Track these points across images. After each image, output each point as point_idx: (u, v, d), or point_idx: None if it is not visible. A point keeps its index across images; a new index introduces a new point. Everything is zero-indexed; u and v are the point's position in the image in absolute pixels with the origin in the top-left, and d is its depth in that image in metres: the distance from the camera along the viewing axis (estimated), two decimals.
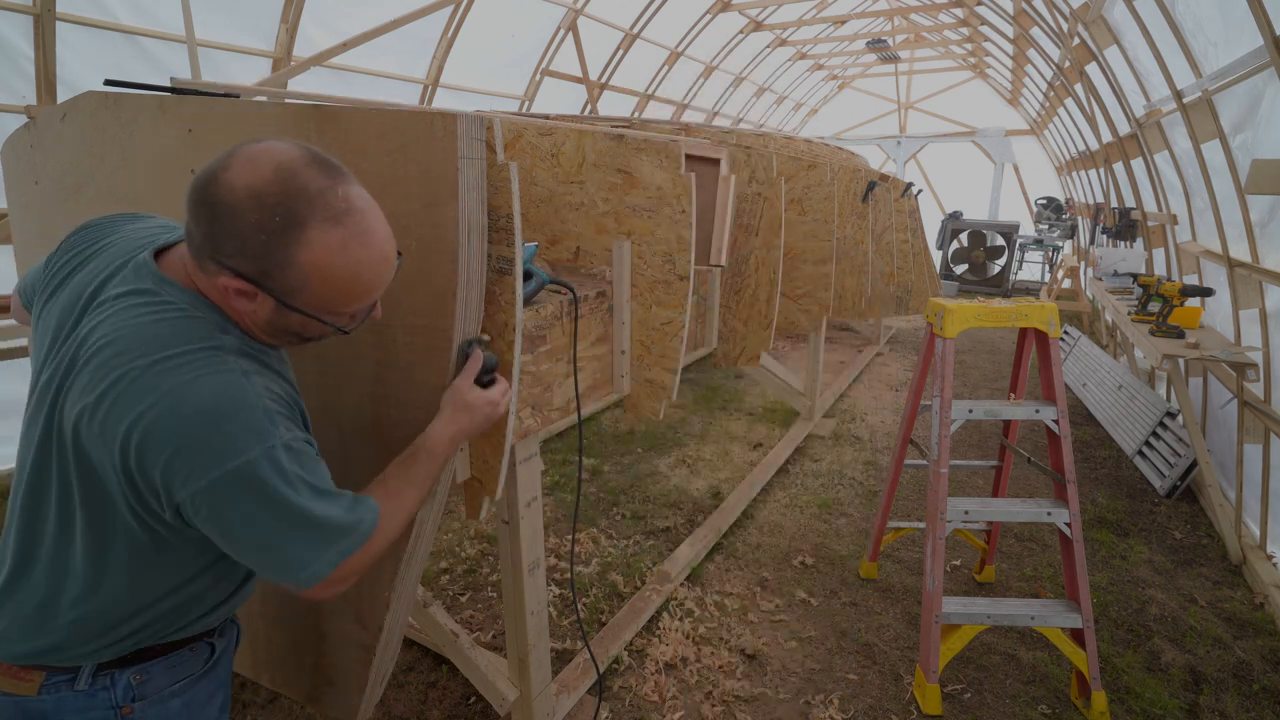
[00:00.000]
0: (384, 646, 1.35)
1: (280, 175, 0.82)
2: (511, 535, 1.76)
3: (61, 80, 3.33)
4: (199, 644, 1.04)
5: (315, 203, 0.83)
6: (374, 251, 0.89)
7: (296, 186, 0.82)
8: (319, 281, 0.86)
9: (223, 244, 0.84)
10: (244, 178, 0.82)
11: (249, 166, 0.82)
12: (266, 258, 0.84)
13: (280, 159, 0.83)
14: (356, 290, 0.91)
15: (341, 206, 0.85)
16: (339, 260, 0.86)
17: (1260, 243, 3.02)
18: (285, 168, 0.83)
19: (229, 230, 0.82)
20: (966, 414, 2.26)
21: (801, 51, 10.73)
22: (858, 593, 2.85)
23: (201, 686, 1.04)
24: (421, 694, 2.27)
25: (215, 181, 0.82)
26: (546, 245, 2.03)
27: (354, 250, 0.87)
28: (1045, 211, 10.23)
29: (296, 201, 0.82)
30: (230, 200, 0.81)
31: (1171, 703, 2.26)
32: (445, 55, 5.30)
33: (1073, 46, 5.27)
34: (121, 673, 0.95)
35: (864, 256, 4.50)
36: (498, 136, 1.21)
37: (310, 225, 0.83)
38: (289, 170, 0.83)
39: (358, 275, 0.89)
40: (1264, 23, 2.39)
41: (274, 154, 0.84)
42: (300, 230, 0.83)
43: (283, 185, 0.82)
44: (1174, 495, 3.66)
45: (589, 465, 4.10)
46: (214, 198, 0.82)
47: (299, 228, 0.83)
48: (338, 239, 0.85)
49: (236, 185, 0.81)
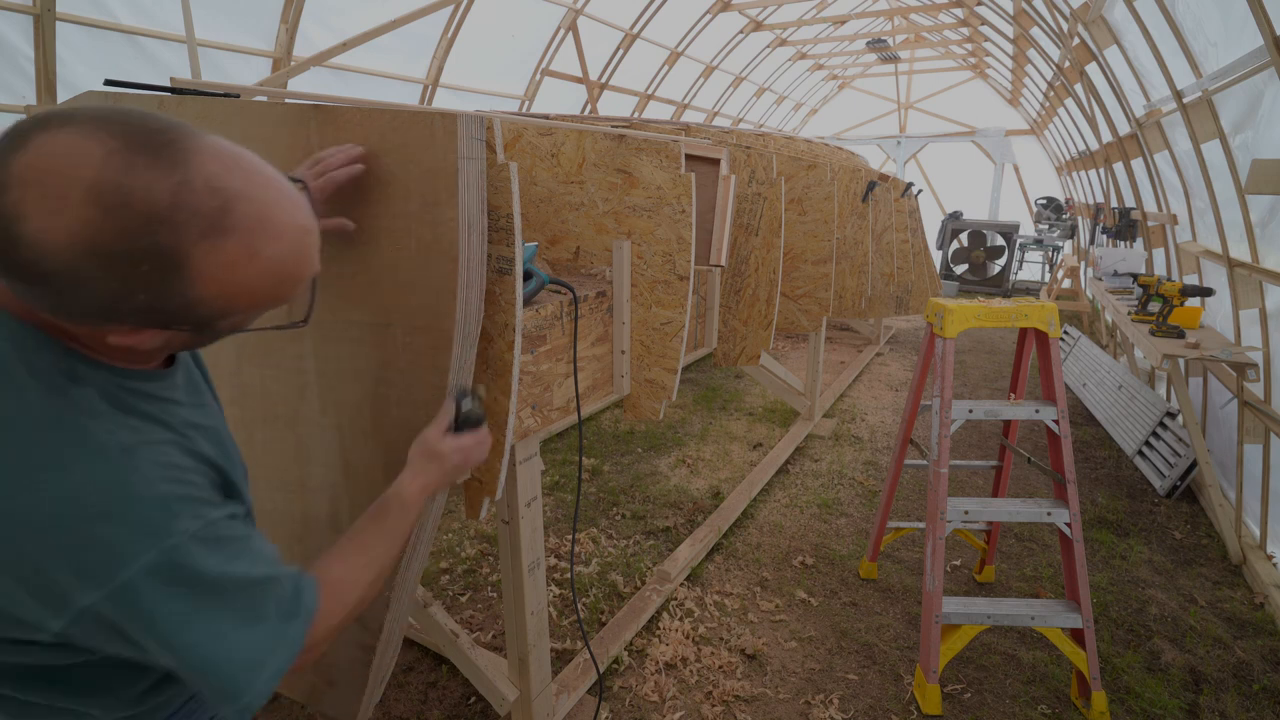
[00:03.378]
0: (384, 646, 1.35)
1: (107, 206, 0.55)
2: (511, 535, 1.76)
3: (61, 80, 3.33)
4: None
5: (176, 221, 0.57)
6: (287, 239, 0.66)
7: (138, 214, 0.56)
8: (238, 303, 0.66)
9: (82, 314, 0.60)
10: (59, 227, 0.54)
11: (52, 206, 0.54)
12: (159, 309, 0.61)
13: (88, 177, 0.55)
14: (288, 288, 0.69)
15: (214, 205, 0.59)
16: (250, 274, 0.64)
17: (1260, 243, 3.02)
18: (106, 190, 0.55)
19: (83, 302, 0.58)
20: (966, 414, 2.26)
21: (801, 51, 10.73)
22: (858, 593, 2.85)
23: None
24: (421, 694, 2.27)
25: (18, 239, 0.54)
26: (546, 245, 2.03)
27: (263, 252, 0.63)
28: (1045, 211, 10.23)
29: (155, 234, 0.57)
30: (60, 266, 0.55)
31: (1171, 703, 2.26)
32: (445, 55, 5.30)
33: (1073, 46, 5.27)
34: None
35: (864, 256, 4.50)
36: (498, 136, 1.21)
37: (191, 256, 0.59)
38: (114, 191, 0.55)
39: (282, 275, 0.67)
40: (1264, 23, 2.39)
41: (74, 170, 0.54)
42: (182, 268, 0.59)
43: (120, 221, 0.55)
44: (1174, 495, 3.66)
45: (589, 465, 4.10)
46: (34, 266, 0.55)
47: (179, 266, 0.59)
48: (237, 250, 0.61)
49: (53, 242, 0.54)
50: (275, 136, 1.26)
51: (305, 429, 1.36)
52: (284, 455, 1.40)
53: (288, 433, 1.38)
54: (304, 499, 1.40)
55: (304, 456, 1.38)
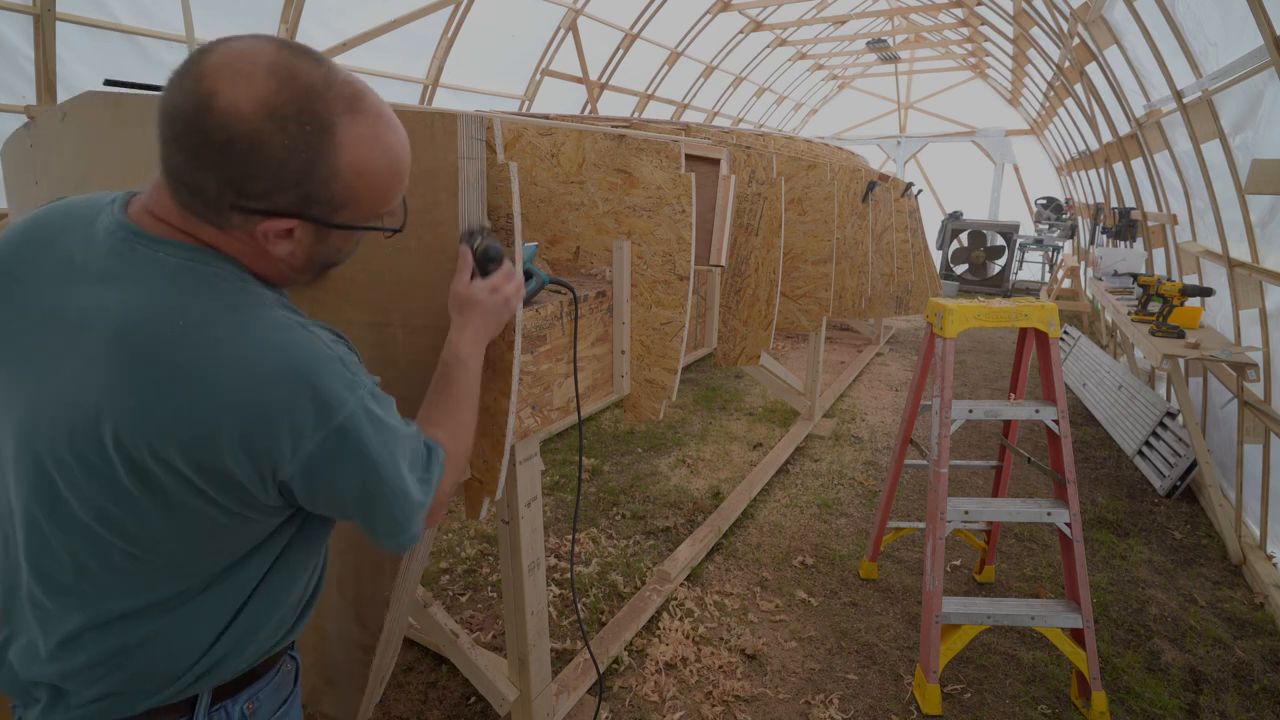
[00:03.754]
0: (384, 646, 1.35)
1: (282, 79, 0.69)
2: (511, 535, 1.76)
3: (61, 80, 3.32)
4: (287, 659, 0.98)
5: (328, 97, 0.71)
6: (398, 132, 0.80)
7: (304, 86, 0.70)
8: (363, 186, 0.77)
9: (251, 184, 0.71)
10: (246, 96, 0.67)
11: (241, 81, 0.68)
12: (309, 179, 0.72)
13: (267, 59, 0.69)
14: (397, 179, 0.81)
15: (350, 91, 0.74)
16: (377, 152, 0.76)
17: (1260, 243, 3.02)
18: (281, 68, 0.69)
19: (257, 165, 0.69)
20: (966, 414, 2.26)
21: (801, 51, 10.74)
22: (858, 593, 2.85)
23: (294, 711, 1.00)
24: (421, 694, 2.27)
25: (210, 111, 0.67)
26: (546, 245, 2.03)
27: (384, 135, 0.77)
28: (1045, 211, 10.23)
29: (315, 103, 0.70)
30: (245, 129, 0.67)
31: (1171, 703, 2.26)
32: (445, 55, 5.30)
33: (1073, 46, 5.27)
34: (234, 703, 0.88)
35: (864, 256, 4.50)
36: (498, 136, 1.21)
37: (338, 125, 0.72)
38: (286, 69, 0.70)
39: (395, 162, 0.80)
40: (1264, 23, 2.39)
41: (255, 55, 0.69)
42: (332, 134, 0.72)
43: (292, 90, 0.69)
44: (1174, 495, 3.66)
45: (589, 465, 4.10)
46: (222, 132, 0.67)
47: (329, 132, 0.72)
48: (367, 129, 0.75)
49: (243, 109, 0.67)
50: None
51: None
52: None
53: None
54: None
55: None
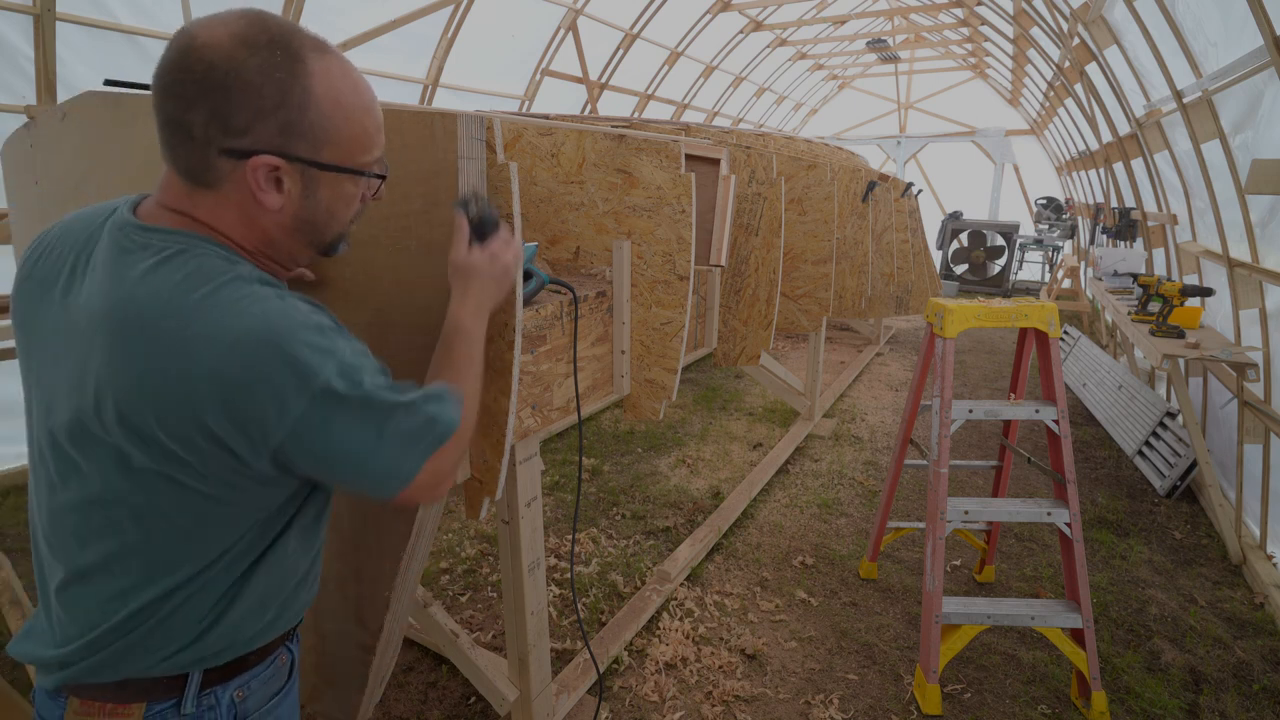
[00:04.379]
0: (384, 646, 1.35)
1: (254, 19, 0.76)
2: (511, 535, 1.76)
3: (61, 80, 3.33)
4: (283, 651, 1.00)
5: (297, 34, 0.78)
6: (364, 81, 0.84)
7: (274, 24, 0.77)
8: (340, 117, 0.80)
9: (234, 115, 0.74)
10: (220, 32, 0.74)
11: (216, 23, 0.74)
12: (285, 104, 0.76)
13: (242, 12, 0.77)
14: (371, 121, 0.85)
15: (317, 38, 0.80)
16: (347, 85, 0.81)
17: (1260, 243, 3.02)
18: (253, 15, 0.77)
19: (237, 92, 0.74)
20: (966, 414, 2.26)
21: (801, 51, 10.74)
22: (858, 593, 2.85)
23: (286, 705, 1.00)
24: (421, 694, 2.27)
25: (190, 50, 0.73)
26: (546, 245, 2.04)
27: (354, 75, 0.82)
28: (1045, 211, 10.23)
29: (285, 37, 0.76)
30: (220, 57, 0.73)
31: (1171, 703, 2.26)
32: (445, 55, 5.30)
33: (1073, 46, 5.27)
34: (224, 689, 0.90)
35: (864, 256, 4.50)
36: (498, 136, 1.21)
37: (307, 56, 0.77)
38: (258, 15, 0.77)
39: (368, 103, 0.84)
40: (1264, 23, 2.39)
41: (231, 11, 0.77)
42: (302, 62, 0.76)
43: (263, 25, 0.76)
44: (1174, 495, 3.66)
45: (589, 465, 4.10)
46: (201, 64, 0.73)
47: (299, 60, 0.76)
48: (336, 64, 0.80)
49: (219, 41, 0.73)
50: None
51: None
52: None
53: None
54: None
55: None
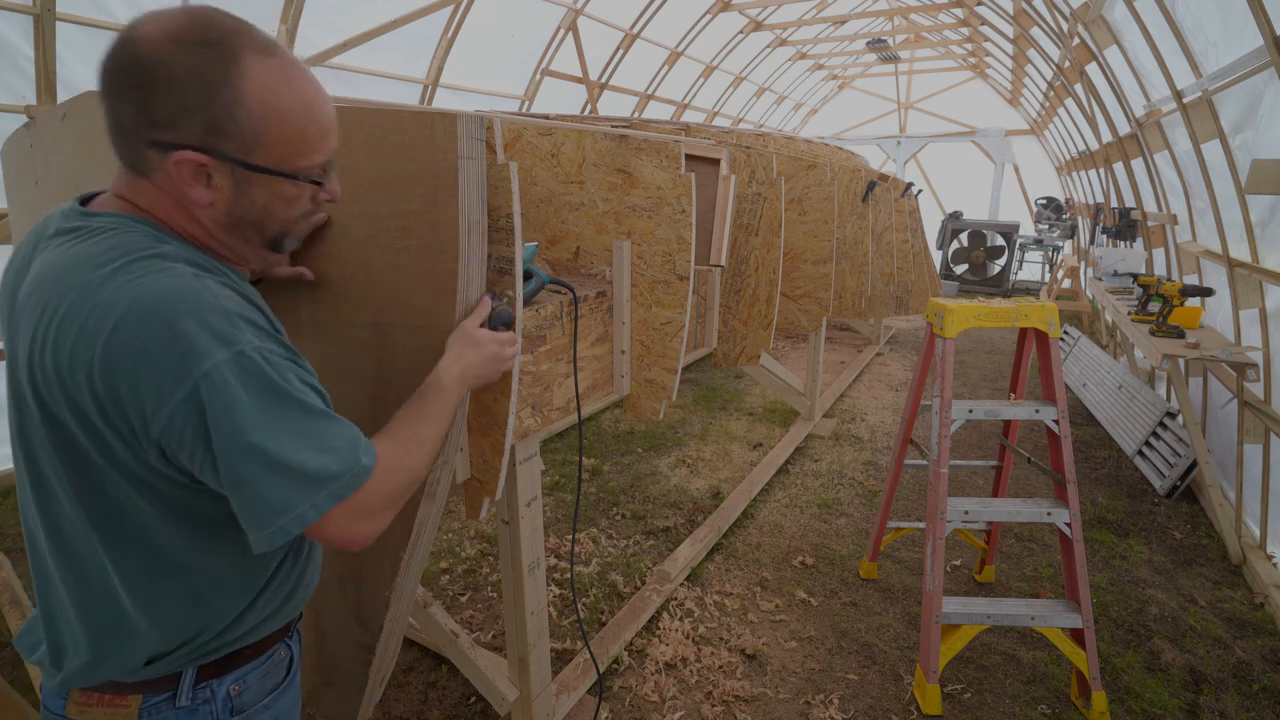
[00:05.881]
0: (384, 646, 1.35)
1: (195, 15, 0.75)
2: (511, 535, 1.76)
3: (61, 80, 3.32)
4: (281, 647, 1.00)
5: (240, 35, 0.76)
6: (313, 85, 0.82)
7: (215, 23, 0.76)
8: (273, 120, 0.78)
9: (158, 109, 0.74)
10: (157, 29, 0.73)
11: (157, 19, 0.74)
12: (211, 103, 0.75)
13: (188, 8, 0.76)
14: (312, 126, 0.82)
15: (266, 41, 0.78)
16: (286, 90, 0.78)
17: (1260, 243, 3.02)
18: (199, 12, 0.76)
19: (161, 87, 0.73)
20: (966, 414, 2.26)
21: (801, 51, 10.73)
22: (858, 593, 2.85)
23: (286, 700, 1.00)
24: (421, 694, 2.27)
25: (126, 43, 0.74)
26: (546, 245, 2.03)
27: (297, 79, 0.80)
28: (1045, 211, 10.23)
29: (223, 36, 0.75)
30: (151, 52, 0.73)
31: (1171, 703, 2.26)
32: (445, 55, 5.30)
33: (1073, 46, 5.27)
34: (220, 683, 0.90)
35: (864, 256, 4.50)
36: (498, 136, 1.21)
37: (244, 57, 0.76)
38: (204, 13, 0.76)
39: (309, 107, 0.81)
40: (1264, 23, 2.39)
41: (177, 9, 0.76)
42: (236, 63, 0.75)
43: (202, 24, 0.75)
44: (1174, 495, 3.66)
45: (589, 465, 4.10)
46: (133, 58, 0.73)
47: (234, 61, 0.75)
48: (277, 67, 0.78)
49: (153, 36, 0.73)
50: None
51: None
52: None
53: None
54: None
55: None
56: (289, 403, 0.78)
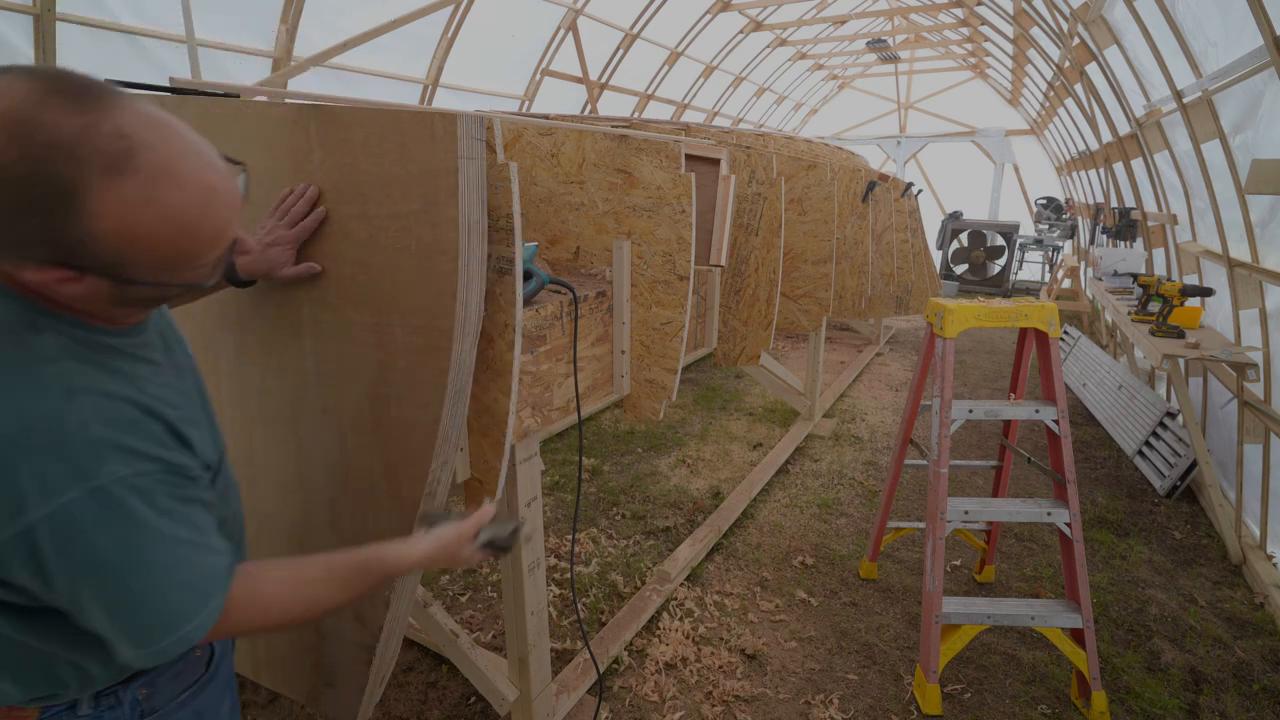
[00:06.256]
0: (384, 646, 1.35)
1: (12, 133, 0.60)
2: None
3: None
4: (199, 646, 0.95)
5: (78, 154, 0.61)
6: (190, 191, 0.68)
7: (43, 140, 0.60)
8: (139, 248, 0.67)
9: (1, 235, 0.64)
10: None
11: None
12: (54, 242, 0.64)
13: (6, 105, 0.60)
14: (192, 243, 0.71)
15: (118, 148, 0.63)
16: (148, 218, 0.66)
17: (1260, 243, 3.02)
18: (15, 118, 0.60)
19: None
20: (966, 414, 2.26)
21: (801, 51, 10.73)
22: (858, 593, 2.85)
23: (209, 693, 0.97)
24: (421, 694, 2.27)
25: None
26: (546, 245, 2.04)
27: (162, 198, 0.66)
28: (1045, 211, 10.23)
29: (56, 163, 0.61)
30: None
31: (1171, 703, 2.26)
32: (445, 55, 5.30)
33: (1073, 46, 5.27)
34: (125, 689, 0.85)
35: (864, 256, 4.50)
36: (498, 136, 1.21)
37: (88, 189, 0.62)
38: (23, 119, 0.60)
39: (183, 226, 0.69)
40: (1264, 23, 2.39)
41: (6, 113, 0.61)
42: (75, 199, 0.62)
43: (24, 146, 0.60)
44: (1174, 495, 3.66)
45: (589, 465, 4.10)
46: None
47: (75, 197, 0.62)
48: (132, 193, 0.64)
49: None
50: (275, 136, 1.26)
51: (306, 429, 1.36)
52: (284, 455, 1.40)
53: (288, 433, 1.38)
54: (304, 500, 1.41)
55: (304, 457, 1.38)
56: (147, 536, 0.71)
